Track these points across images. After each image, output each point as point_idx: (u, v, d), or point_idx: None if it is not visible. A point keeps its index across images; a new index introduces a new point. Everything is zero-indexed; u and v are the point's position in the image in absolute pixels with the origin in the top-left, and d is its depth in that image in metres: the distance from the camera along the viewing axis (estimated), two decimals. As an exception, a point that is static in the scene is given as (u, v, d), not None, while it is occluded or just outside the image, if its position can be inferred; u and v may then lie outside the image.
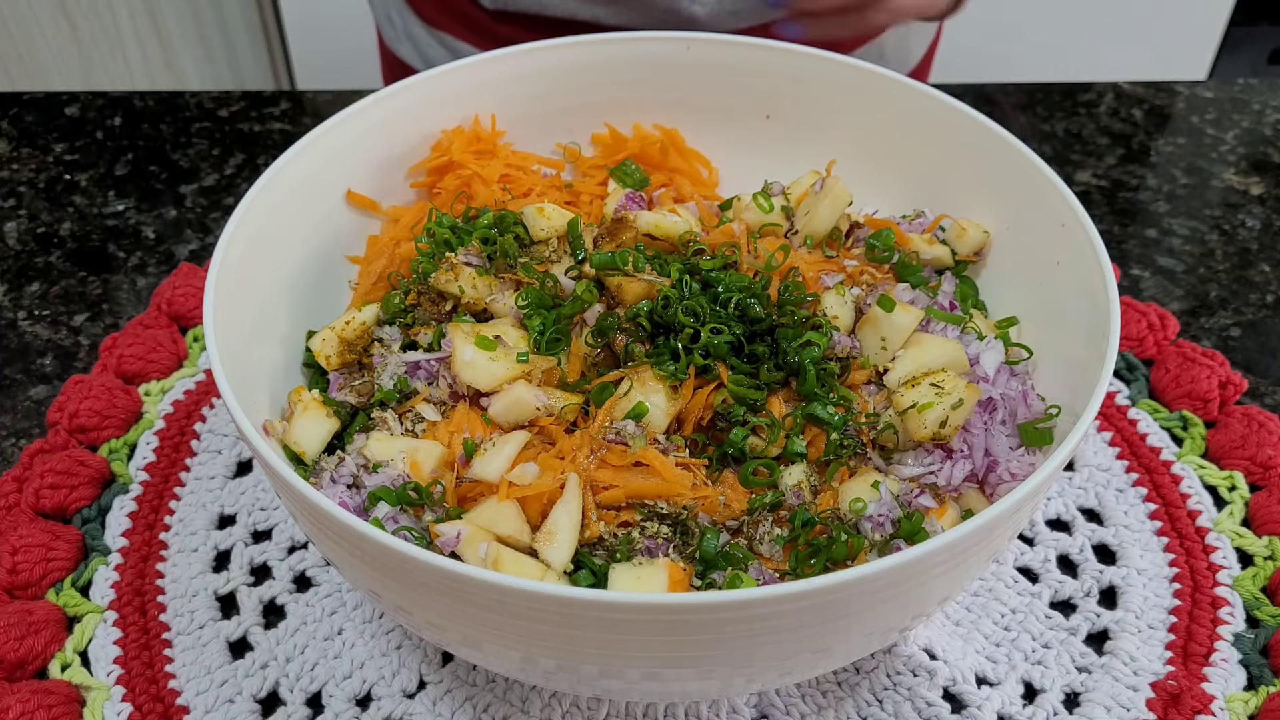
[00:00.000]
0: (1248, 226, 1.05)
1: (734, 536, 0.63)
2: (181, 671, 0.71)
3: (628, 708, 0.69)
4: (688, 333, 0.66)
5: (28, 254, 1.03)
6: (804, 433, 0.65)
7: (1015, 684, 0.70)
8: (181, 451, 0.84)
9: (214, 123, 1.18)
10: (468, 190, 0.82)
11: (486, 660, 0.59)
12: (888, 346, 0.68)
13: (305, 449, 0.67)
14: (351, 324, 0.72)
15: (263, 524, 0.79)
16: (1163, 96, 1.21)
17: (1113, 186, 1.10)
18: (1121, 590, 0.75)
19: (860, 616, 0.53)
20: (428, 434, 0.66)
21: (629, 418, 0.63)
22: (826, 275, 0.72)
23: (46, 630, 0.71)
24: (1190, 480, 0.81)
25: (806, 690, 0.70)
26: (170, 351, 0.90)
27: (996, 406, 0.67)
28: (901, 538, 0.61)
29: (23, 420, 0.87)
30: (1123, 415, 0.86)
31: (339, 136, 0.76)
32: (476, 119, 0.84)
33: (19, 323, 0.96)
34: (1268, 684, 0.70)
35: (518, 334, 0.68)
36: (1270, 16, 2.31)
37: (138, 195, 1.09)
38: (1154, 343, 0.90)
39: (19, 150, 1.15)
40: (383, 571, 0.53)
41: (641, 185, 0.82)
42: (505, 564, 0.57)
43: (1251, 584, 0.75)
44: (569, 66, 0.84)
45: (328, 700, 0.69)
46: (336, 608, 0.74)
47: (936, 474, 0.65)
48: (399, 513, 0.62)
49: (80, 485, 0.79)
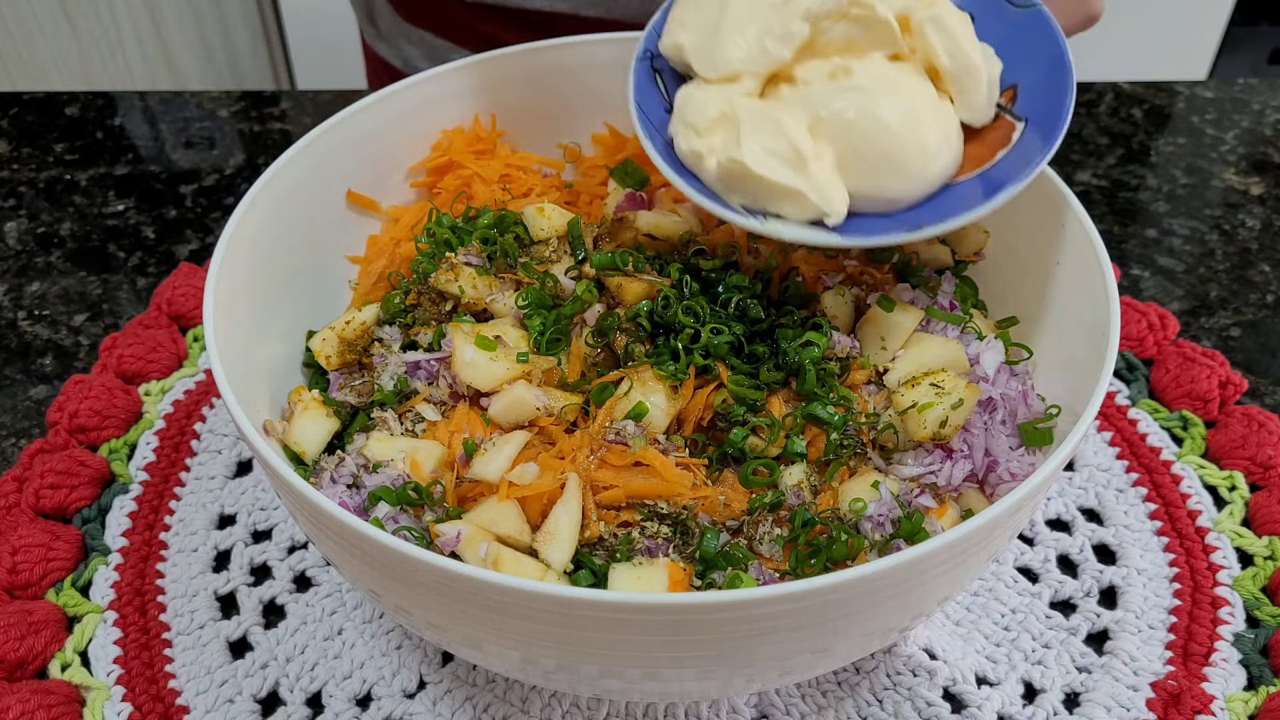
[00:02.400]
0: (1248, 226, 1.05)
1: (734, 536, 0.63)
2: (181, 671, 0.71)
3: (628, 708, 0.69)
4: (688, 333, 0.66)
5: (28, 254, 1.03)
6: (804, 433, 0.65)
7: (1015, 684, 0.70)
8: (181, 451, 0.84)
9: (214, 123, 1.18)
10: (468, 190, 0.82)
11: (486, 660, 0.59)
12: (888, 346, 0.68)
13: (305, 449, 0.67)
14: (351, 324, 0.72)
15: (263, 524, 0.79)
16: (1163, 96, 1.21)
17: (1113, 186, 1.10)
18: (1121, 590, 0.75)
19: (860, 616, 0.53)
20: (428, 434, 0.66)
21: (629, 418, 0.63)
22: (826, 275, 0.72)
23: (46, 630, 0.71)
24: (1190, 480, 0.81)
25: (806, 690, 0.70)
26: (170, 351, 0.90)
27: (996, 406, 0.67)
28: (901, 538, 0.61)
29: (23, 420, 0.87)
30: (1123, 415, 0.86)
31: (339, 136, 0.76)
32: (476, 119, 0.84)
33: (19, 323, 0.96)
34: (1268, 684, 0.70)
35: (518, 334, 0.68)
36: (1270, 16, 2.31)
37: (138, 195, 1.09)
38: (1154, 343, 0.90)
39: (19, 150, 1.15)
40: (383, 571, 0.53)
41: (641, 185, 0.82)
42: (505, 564, 0.57)
43: (1251, 584, 0.75)
44: (569, 66, 0.84)
45: (328, 700, 0.69)
46: (336, 608, 0.74)
47: (936, 474, 0.65)
48: (399, 513, 0.62)
49: (80, 485, 0.79)
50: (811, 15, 0.64)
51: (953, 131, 0.66)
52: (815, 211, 0.63)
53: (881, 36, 0.65)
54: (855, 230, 0.64)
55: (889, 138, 0.63)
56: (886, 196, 0.65)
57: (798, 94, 0.65)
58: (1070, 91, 0.65)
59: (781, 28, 0.65)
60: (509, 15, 1.12)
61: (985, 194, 0.64)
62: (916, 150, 0.64)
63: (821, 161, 0.64)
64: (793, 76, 0.66)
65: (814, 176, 0.63)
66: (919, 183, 0.65)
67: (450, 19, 1.16)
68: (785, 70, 0.66)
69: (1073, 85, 0.66)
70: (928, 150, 0.64)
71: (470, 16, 1.13)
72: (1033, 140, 0.65)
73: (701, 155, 0.64)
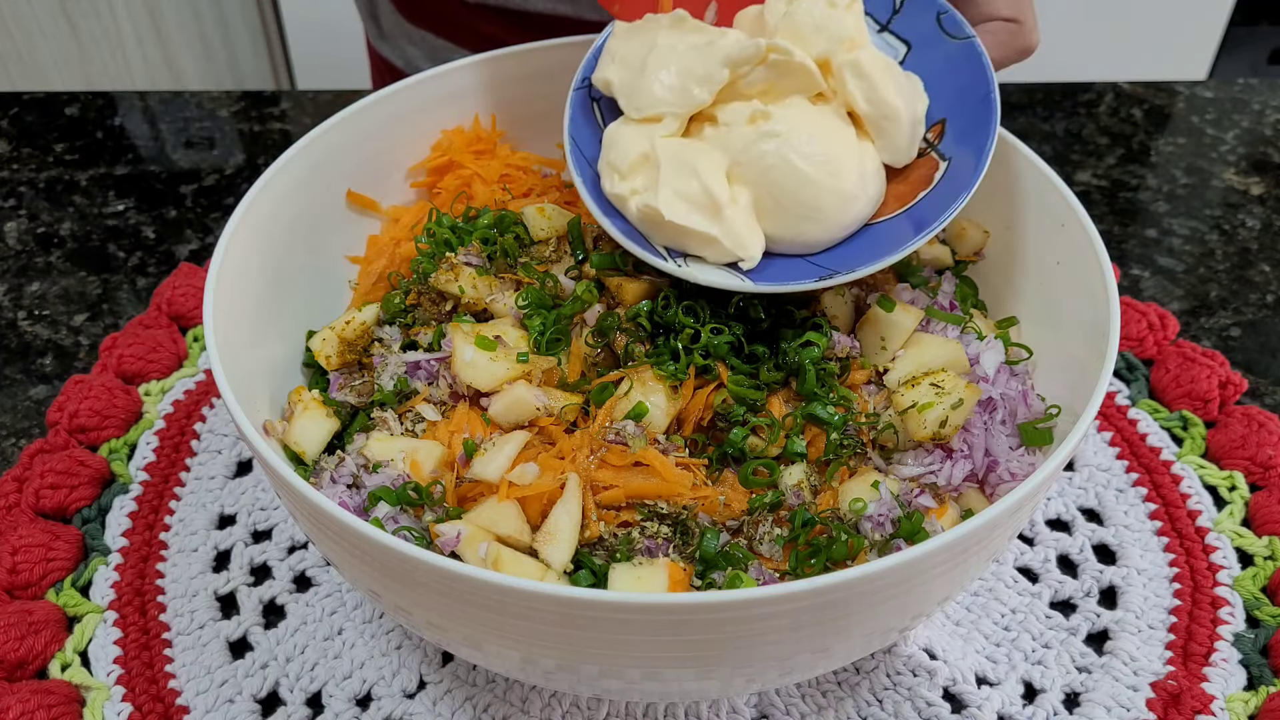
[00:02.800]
0: (1248, 226, 1.05)
1: (734, 536, 0.63)
2: (181, 671, 0.71)
3: (628, 708, 0.69)
4: (688, 333, 0.66)
5: (28, 254, 1.03)
6: (804, 433, 0.65)
7: (1015, 684, 0.70)
8: (181, 451, 0.84)
9: (214, 123, 1.18)
10: (468, 190, 0.82)
11: (486, 660, 0.59)
12: (888, 346, 0.68)
13: (305, 449, 0.67)
14: (351, 324, 0.72)
15: (263, 524, 0.79)
16: (1163, 96, 1.21)
17: (1113, 186, 1.10)
18: (1121, 590, 0.75)
19: (860, 616, 0.53)
20: (428, 434, 0.66)
21: (629, 418, 0.63)
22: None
23: (46, 630, 0.71)
24: (1190, 480, 0.81)
25: (806, 690, 0.70)
26: (170, 351, 0.90)
27: (996, 406, 0.67)
28: (901, 538, 0.61)
29: (23, 420, 0.87)
30: (1123, 415, 0.86)
31: (339, 136, 0.76)
32: (476, 119, 0.84)
33: (19, 323, 0.96)
34: (1268, 684, 0.70)
35: (518, 334, 0.68)
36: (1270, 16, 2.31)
37: (138, 195, 1.09)
38: (1154, 343, 0.90)
39: (19, 150, 1.15)
40: (383, 571, 0.53)
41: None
42: (505, 564, 0.57)
43: (1251, 584, 0.75)
44: (569, 66, 0.84)
45: (328, 700, 0.69)
46: (336, 608, 0.74)
47: (936, 474, 0.65)
48: (399, 513, 0.62)
49: (80, 485, 0.79)
50: (731, 60, 0.65)
51: (871, 173, 0.67)
52: (731, 255, 0.65)
53: (801, 81, 0.66)
54: (769, 275, 0.65)
55: (805, 184, 0.64)
56: (804, 240, 0.66)
57: (719, 135, 0.66)
58: (992, 131, 0.66)
59: (703, 70, 0.66)
60: (511, 16, 1.12)
61: (904, 235, 0.65)
62: (833, 195, 0.65)
63: (737, 206, 0.65)
64: (715, 117, 0.67)
65: (729, 222, 0.64)
66: (836, 227, 0.66)
67: (452, 20, 1.16)
68: (708, 110, 0.67)
69: (995, 123, 0.66)
70: (845, 194, 0.65)
71: (472, 17, 1.13)
72: (955, 179, 0.66)
73: (624, 198, 0.66)
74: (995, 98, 0.67)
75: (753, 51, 0.65)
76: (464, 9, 1.14)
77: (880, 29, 0.72)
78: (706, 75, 0.65)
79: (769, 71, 0.65)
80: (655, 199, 0.64)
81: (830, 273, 0.65)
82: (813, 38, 0.66)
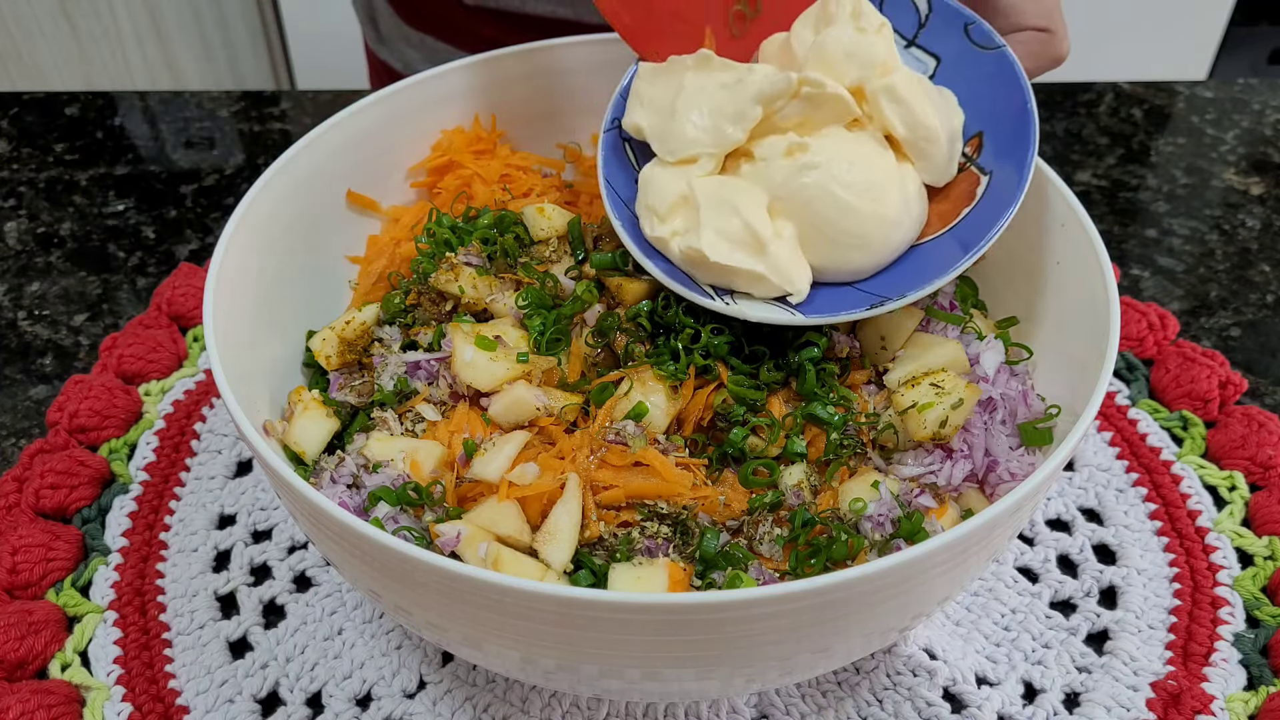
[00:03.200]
0: (1248, 226, 1.05)
1: (734, 536, 0.63)
2: (181, 671, 0.71)
3: (628, 708, 0.69)
4: (688, 333, 0.66)
5: (28, 254, 1.03)
6: (804, 433, 0.65)
7: (1015, 684, 0.70)
8: (181, 451, 0.84)
9: (214, 123, 1.18)
10: (468, 190, 0.82)
11: (486, 660, 0.59)
12: (888, 346, 0.68)
13: (305, 449, 0.67)
14: (351, 324, 0.72)
15: (263, 524, 0.79)
16: (1163, 96, 1.21)
17: (1113, 186, 1.10)
18: (1121, 590, 0.75)
19: (860, 616, 0.53)
20: (428, 434, 0.66)
21: (629, 418, 0.63)
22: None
23: (46, 630, 0.71)
24: (1190, 480, 0.81)
25: (806, 690, 0.70)
26: (170, 351, 0.90)
27: (996, 406, 0.67)
28: (901, 538, 0.61)
29: (23, 420, 0.87)
30: (1123, 415, 0.86)
31: (339, 136, 0.76)
32: (476, 119, 0.84)
33: (19, 323, 0.96)
34: (1268, 684, 0.70)
35: (518, 334, 0.68)
36: (1270, 16, 2.31)
37: (138, 195, 1.09)
38: (1154, 343, 0.90)
39: (19, 150, 1.15)
40: (383, 571, 0.53)
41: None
42: (505, 564, 0.57)
43: (1251, 584, 0.75)
44: (569, 66, 0.84)
45: (328, 700, 0.69)
46: (336, 608, 0.74)
47: (936, 474, 0.65)
48: (399, 513, 0.62)
49: (80, 485, 0.79)
50: (764, 97, 0.64)
51: (914, 196, 0.66)
52: (779, 290, 0.64)
53: (836, 110, 0.65)
54: (819, 306, 0.65)
55: (848, 213, 0.64)
56: (850, 268, 0.66)
57: (756, 171, 0.65)
58: (1033, 142, 0.65)
59: (735, 109, 0.65)
60: (510, 19, 1.12)
61: (952, 255, 0.64)
62: (877, 222, 0.64)
63: (781, 240, 0.64)
64: (750, 152, 0.66)
65: (774, 258, 0.64)
66: (882, 253, 0.66)
67: (451, 22, 1.16)
68: (743, 145, 0.66)
69: (1034, 134, 0.65)
70: (889, 220, 0.64)
71: (471, 20, 1.13)
72: (998, 194, 0.65)
73: (665, 240, 0.65)
74: (1033, 108, 0.66)
75: (784, 86, 0.64)
76: (462, 11, 1.14)
77: (907, 44, 0.71)
78: (739, 113, 0.65)
79: (803, 104, 0.64)
80: (698, 240, 0.63)
81: (881, 299, 0.64)
82: (844, 66, 0.65)
